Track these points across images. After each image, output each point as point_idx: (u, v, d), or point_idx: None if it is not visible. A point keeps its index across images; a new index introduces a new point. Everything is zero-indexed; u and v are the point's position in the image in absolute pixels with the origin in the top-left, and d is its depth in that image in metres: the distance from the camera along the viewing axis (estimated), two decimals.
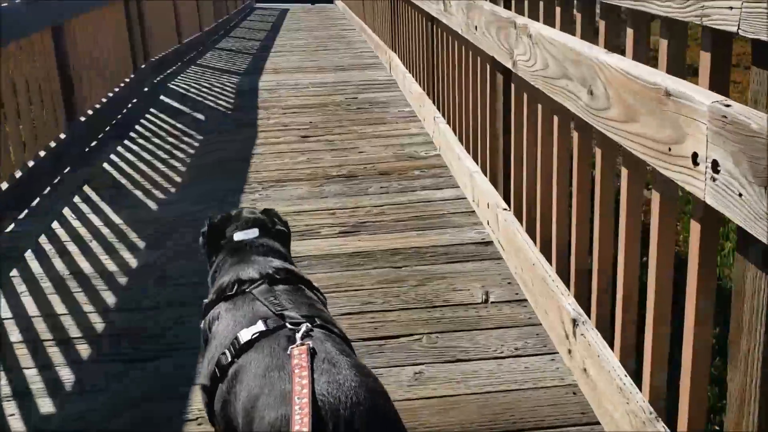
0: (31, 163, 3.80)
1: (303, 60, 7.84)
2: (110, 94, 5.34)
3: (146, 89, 6.30)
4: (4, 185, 3.48)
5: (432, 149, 4.33)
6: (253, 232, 1.67)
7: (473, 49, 3.20)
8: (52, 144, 4.13)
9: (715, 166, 1.19)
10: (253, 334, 1.26)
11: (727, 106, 1.17)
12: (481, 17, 2.76)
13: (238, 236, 1.66)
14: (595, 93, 1.68)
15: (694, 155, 1.25)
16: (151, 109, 5.62)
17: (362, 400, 1.08)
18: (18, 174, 3.64)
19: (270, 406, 1.11)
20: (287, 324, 1.27)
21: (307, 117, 5.24)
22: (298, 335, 1.21)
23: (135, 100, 5.89)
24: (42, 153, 3.96)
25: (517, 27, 2.25)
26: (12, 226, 3.46)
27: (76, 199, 3.78)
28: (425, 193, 3.64)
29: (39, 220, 3.52)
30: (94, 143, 4.78)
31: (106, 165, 4.33)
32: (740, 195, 1.14)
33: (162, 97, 6.06)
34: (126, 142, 4.78)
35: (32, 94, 3.98)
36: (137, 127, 5.15)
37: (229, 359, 1.27)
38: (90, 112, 4.85)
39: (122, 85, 5.65)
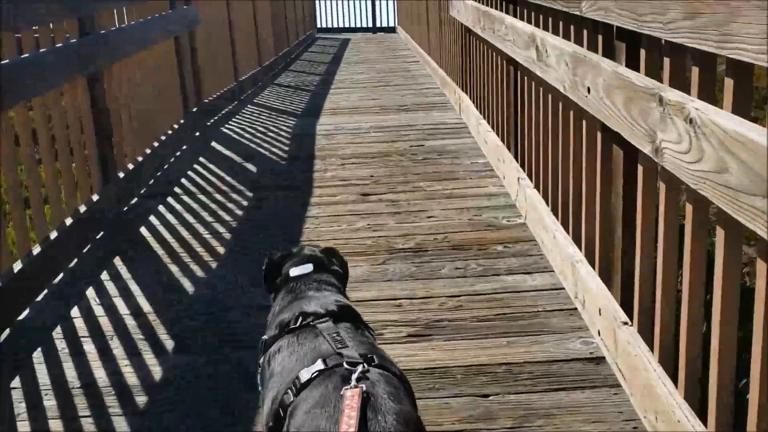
0: (54, 235, 3.29)
1: (363, 98, 7.29)
2: (156, 144, 4.87)
3: (197, 134, 5.83)
4: (18, 264, 2.98)
5: (515, 215, 3.68)
6: (307, 268, 1.68)
7: (580, 111, 2.56)
8: (82, 208, 3.63)
9: None
10: (313, 374, 1.26)
11: None
12: (597, 78, 2.12)
13: (294, 272, 1.68)
14: None
15: None
16: (201, 158, 5.12)
17: None
18: (36, 249, 3.14)
19: None
20: (344, 363, 1.26)
21: (368, 169, 4.66)
22: (354, 376, 1.21)
23: (184, 148, 5.42)
24: (69, 220, 3.46)
25: (665, 104, 1.61)
26: (26, 312, 2.96)
27: (104, 275, 3.27)
28: (512, 279, 2.99)
29: (55, 307, 3.00)
30: (134, 201, 4.29)
31: (143, 230, 3.82)
32: None
33: (213, 144, 5.57)
34: (169, 199, 4.27)
35: (60, 152, 3.51)
36: (183, 180, 4.64)
37: (291, 399, 1.26)
38: (131, 166, 4.36)
39: (169, 132, 5.17)
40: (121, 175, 4.15)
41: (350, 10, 19.51)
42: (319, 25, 19.19)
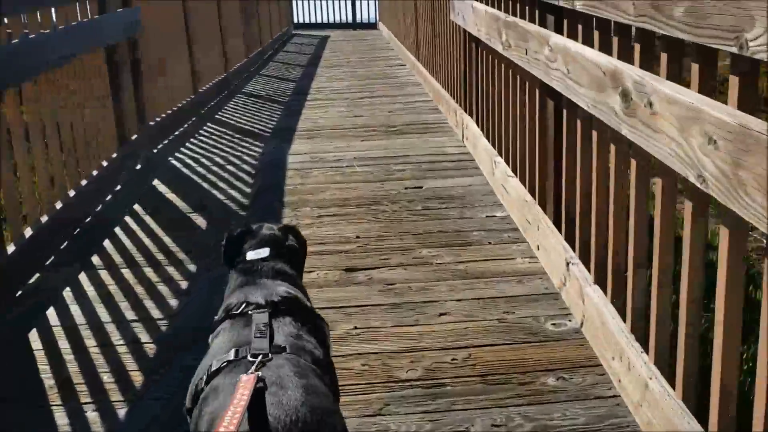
0: None
1: (344, 114, 6.14)
2: (72, 193, 3.67)
3: (138, 167, 4.66)
4: None
5: (563, 313, 2.58)
6: (264, 252, 1.68)
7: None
8: None
9: None
10: (222, 363, 1.27)
11: None
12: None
13: (250, 255, 1.68)
14: None
15: None
16: (135, 206, 3.95)
17: (302, 417, 1.09)
18: None
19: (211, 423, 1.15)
20: (248, 355, 1.26)
21: (352, 225, 3.53)
22: (254, 366, 1.20)
23: (118, 189, 4.24)
24: None
25: None
26: None
27: None
28: None
29: None
30: (34, 279, 3.10)
31: (33, 337, 2.65)
32: None
33: (155, 183, 4.40)
34: (81, 276, 3.10)
35: None
36: (106, 243, 3.46)
37: (202, 386, 1.28)
38: (29, 233, 3.15)
39: (95, 173, 3.98)
40: (10, 249, 2.95)
41: (328, 3, 18.33)
42: (296, 20, 18.00)
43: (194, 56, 6.47)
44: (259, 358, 1.22)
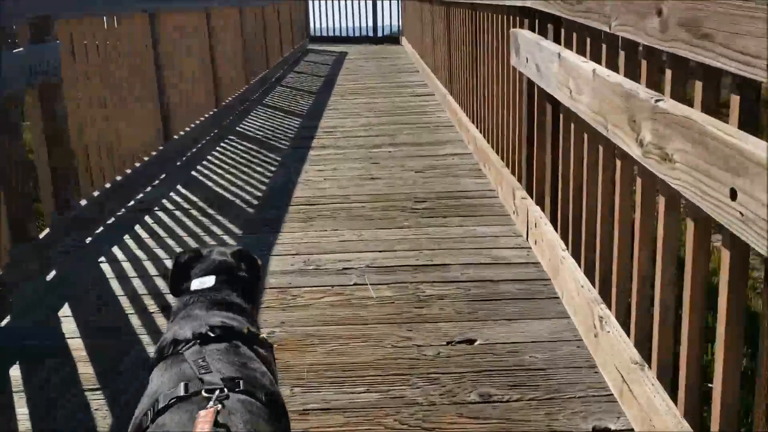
0: None
1: (357, 175, 4.60)
2: None
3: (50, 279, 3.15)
4: None
5: None
6: (209, 281, 1.57)
7: None
8: None
9: None
10: (171, 400, 1.19)
11: None
12: None
13: (194, 285, 1.57)
14: None
15: None
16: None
17: None
18: None
19: None
20: (203, 390, 1.18)
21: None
22: (210, 402, 1.14)
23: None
24: None
25: None
26: None
27: None
28: None
29: None
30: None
31: None
32: None
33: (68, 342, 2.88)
34: None
35: None
36: None
37: (147, 423, 1.18)
38: None
39: None
40: None
41: (348, 13, 16.86)
42: (312, 33, 16.56)
43: (167, 99, 4.97)
44: (216, 393, 1.16)
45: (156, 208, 4.05)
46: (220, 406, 1.12)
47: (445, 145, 5.36)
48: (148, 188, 4.45)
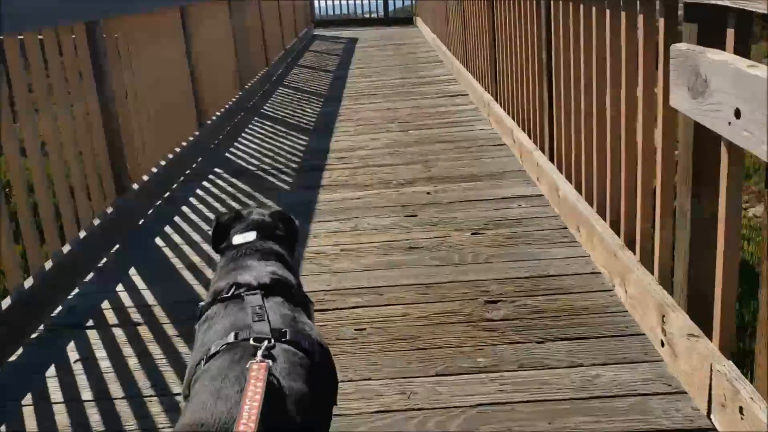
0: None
1: (392, 249, 3.06)
2: None
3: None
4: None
5: None
6: (250, 236, 1.62)
7: None
8: None
9: None
10: (221, 346, 1.22)
11: None
12: None
13: (236, 239, 1.62)
14: None
15: None
16: None
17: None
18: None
19: (216, 404, 1.08)
20: (251, 338, 1.22)
21: None
22: (260, 352, 1.16)
23: None
24: None
25: None
26: None
27: None
28: None
29: None
30: None
31: None
32: None
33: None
34: None
35: None
36: None
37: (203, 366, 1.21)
38: None
39: None
40: None
41: None
42: (318, 14, 15.02)
43: (131, 126, 3.50)
44: (264, 344, 1.19)
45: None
46: (270, 361, 1.13)
47: (502, 178, 3.87)
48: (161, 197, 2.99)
